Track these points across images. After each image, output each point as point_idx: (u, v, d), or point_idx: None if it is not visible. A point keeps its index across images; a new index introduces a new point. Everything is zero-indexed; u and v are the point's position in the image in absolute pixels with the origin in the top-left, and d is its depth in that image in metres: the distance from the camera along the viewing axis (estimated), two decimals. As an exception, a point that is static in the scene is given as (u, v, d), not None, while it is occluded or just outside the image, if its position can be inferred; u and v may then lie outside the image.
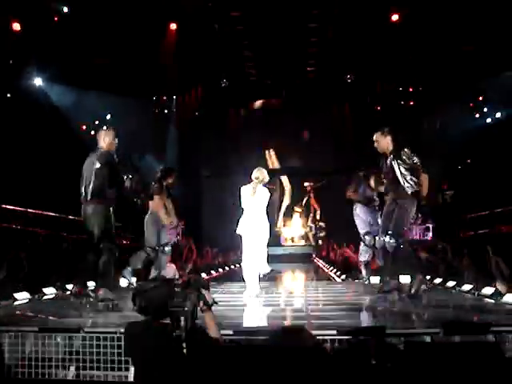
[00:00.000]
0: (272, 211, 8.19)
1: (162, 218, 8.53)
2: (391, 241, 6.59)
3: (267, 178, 7.58)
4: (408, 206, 6.55)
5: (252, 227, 7.39)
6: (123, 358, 4.09)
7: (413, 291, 6.44)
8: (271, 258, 7.91)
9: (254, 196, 7.39)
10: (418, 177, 6.49)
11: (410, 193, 6.48)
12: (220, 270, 13.47)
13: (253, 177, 7.50)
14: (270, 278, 8.16)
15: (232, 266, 14.27)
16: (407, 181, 6.48)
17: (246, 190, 7.49)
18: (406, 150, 6.57)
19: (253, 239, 7.40)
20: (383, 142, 6.74)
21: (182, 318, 3.05)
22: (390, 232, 6.62)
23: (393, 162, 6.60)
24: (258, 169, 7.60)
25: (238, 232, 7.48)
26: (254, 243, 7.39)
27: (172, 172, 8.88)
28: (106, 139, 6.58)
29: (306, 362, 2.16)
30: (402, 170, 6.50)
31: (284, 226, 21.15)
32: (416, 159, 6.51)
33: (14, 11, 12.22)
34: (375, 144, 6.83)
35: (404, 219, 6.60)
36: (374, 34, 14.76)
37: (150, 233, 8.54)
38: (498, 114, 16.38)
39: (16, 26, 12.49)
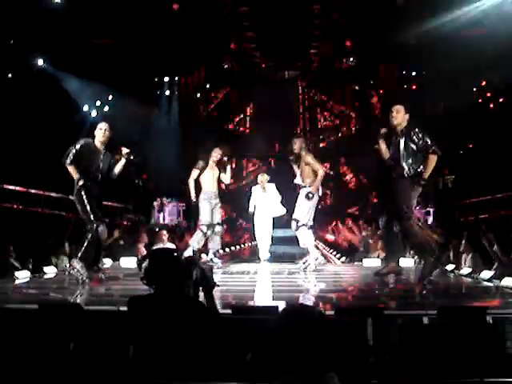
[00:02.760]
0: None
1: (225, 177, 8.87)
2: (397, 225, 6.52)
3: (268, 178, 10.26)
4: (408, 186, 6.44)
5: (263, 214, 10.04)
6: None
7: (421, 274, 6.39)
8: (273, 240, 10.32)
9: (266, 192, 10.07)
10: (426, 157, 6.35)
11: (406, 175, 6.38)
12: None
13: (258, 181, 10.21)
14: (269, 259, 9.97)
15: (233, 248, 14.16)
16: (410, 163, 6.38)
17: (256, 189, 10.18)
18: (416, 130, 6.41)
19: (263, 223, 10.07)
20: (402, 116, 6.55)
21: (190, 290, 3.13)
22: (395, 217, 6.56)
23: (401, 141, 6.47)
24: (260, 174, 10.46)
25: (250, 211, 10.18)
26: (265, 226, 10.08)
27: (216, 148, 8.89)
28: (98, 132, 6.83)
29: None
30: (410, 151, 6.37)
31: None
32: (428, 140, 6.36)
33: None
34: (393, 114, 6.61)
35: (406, 200, 6.46)
36: (377, 17, 14.65)
37: (203, 210, 8.62)
38: (501, 99, 16.32)
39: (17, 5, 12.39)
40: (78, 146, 6.69)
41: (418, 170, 6.34)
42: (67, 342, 4.27)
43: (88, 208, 6.61)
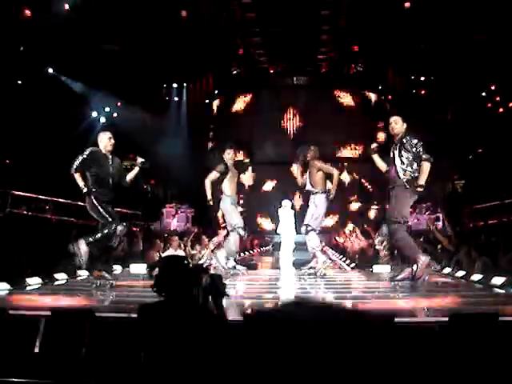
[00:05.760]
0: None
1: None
2: (385, 228, 6.62)
3: (289, 202, 11.90)
4: (403, 194, 6.52)
5: (286, 232, 11.61)
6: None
7: (416, 276, 6.42)
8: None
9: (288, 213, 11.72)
10: (419, 165, 6.43)
11: (404, 181, 6.47)
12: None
13: (283, 205, 11.67)
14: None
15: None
16: (405, 170, 6.46)
17: (282, 212, 11.70)
18: (408, 137, 6.53)
19: (289, 237, 11.61)
20: (400, 126, 6.68)
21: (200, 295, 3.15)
22: (386, 219, 6.65)
23: (395, 150, 6.59)
24: (284, 201, 11.70)
25: (278, 232, 11.84)
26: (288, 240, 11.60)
27: (227, 149, 8.80)
28: (103, 140, 6.88)
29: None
30: (404, 160, 6.47)
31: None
32: (420, 148, 6.45)
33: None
34: (392, 125, 6.73)
35: (398, 206, 6.54)
36: (386, 22, 14.68)
37: (235, 213, 8.60)
38: (511, 104, 16.27)
39: (26, 13, 12.47)
40: (84, 155, 6.74)
41: (414, 175, 6.42)
42: (79, 347, 4.29)
43: (103, 212, 6.66)
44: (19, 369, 3.94)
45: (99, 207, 6.66)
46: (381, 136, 18.75)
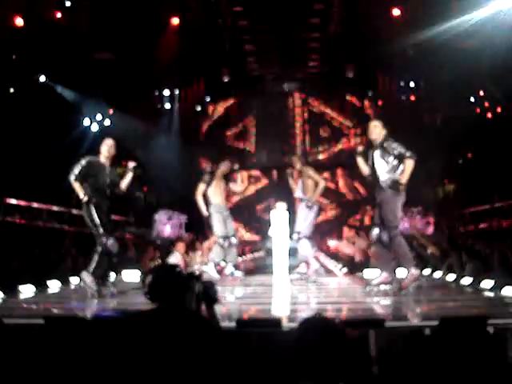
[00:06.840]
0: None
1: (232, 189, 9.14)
2: (384, 236, 6.62)
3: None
4: (391, 198, 6.54)
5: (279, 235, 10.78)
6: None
7: (401, 285, 6.44)
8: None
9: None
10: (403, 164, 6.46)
11: (385, 186, 6.51)
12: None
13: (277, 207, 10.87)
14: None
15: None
16: (386, 173, 6.51)
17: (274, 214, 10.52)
18: (389, 141, 6.57)
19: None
20: (379, 131, 6.72)
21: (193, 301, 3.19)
22: (382, 227, 6.66)
23: (375, 154, 6.63)
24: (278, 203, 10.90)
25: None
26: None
27: (226, 161, 8.90)
28: (103, 148, 6.99)
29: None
30: (389, 164, 6.51)
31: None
32: (402, 148, 6.48)
33: (16, 6, 12.25)
34: (371, 129, 6.77)
35: (391, 213, 6.56)
36: (375, 29, 14.78)
37: (216, 223, 8.59)
38: (499, 109, 16.39)
39: (19, 22, 12.47)
40: (82, 163, 6.75)
41: (395, 177, 6.46)
42: (73, 355, 4.30)
43: (97, 223, 6.67)
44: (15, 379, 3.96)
45: (95, 217, 6.67)
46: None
